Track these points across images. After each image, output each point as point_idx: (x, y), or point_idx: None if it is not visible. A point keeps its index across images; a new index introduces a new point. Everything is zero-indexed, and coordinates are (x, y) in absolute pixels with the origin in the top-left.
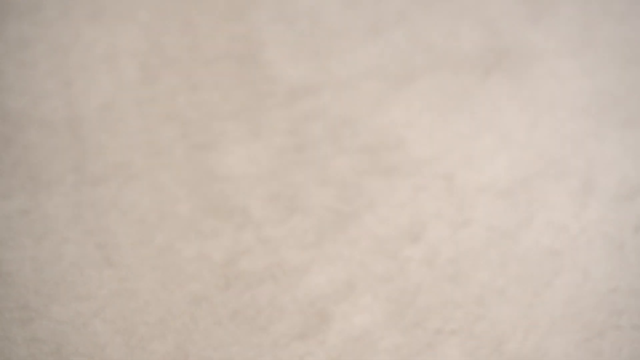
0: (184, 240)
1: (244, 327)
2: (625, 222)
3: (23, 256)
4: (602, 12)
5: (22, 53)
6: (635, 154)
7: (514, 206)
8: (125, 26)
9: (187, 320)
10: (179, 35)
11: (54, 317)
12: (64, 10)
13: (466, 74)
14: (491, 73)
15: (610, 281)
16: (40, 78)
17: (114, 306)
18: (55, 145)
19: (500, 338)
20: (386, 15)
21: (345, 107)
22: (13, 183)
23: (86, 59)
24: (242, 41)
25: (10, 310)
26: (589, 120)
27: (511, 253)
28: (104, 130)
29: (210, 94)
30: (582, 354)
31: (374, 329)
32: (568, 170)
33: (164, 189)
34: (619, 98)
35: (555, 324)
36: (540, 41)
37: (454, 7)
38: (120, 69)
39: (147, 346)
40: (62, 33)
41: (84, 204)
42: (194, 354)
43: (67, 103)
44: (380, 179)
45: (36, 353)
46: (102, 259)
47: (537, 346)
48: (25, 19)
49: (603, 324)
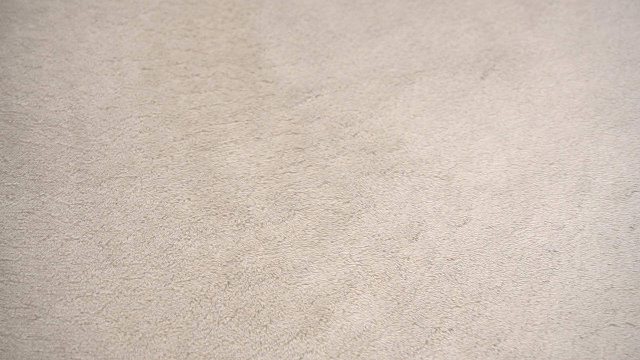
0: (185, 240)
1: (245, 325)
2: (620, 221)
3: (27, 255)
4: (598, 14)
5: (26, 55)
6: (630, 154)
7: (511, 206)
8: (127, 29)
9: (189, 318)
10: (180, 37)
11: (57, 315)
12: (67, 14)
13: (464, 75)
14: (488, 74)
15: (605, 279)
16: (44, 79)
17: (116, 304)
18: (59, 146)
19: (498, 335)
20: (385, 17)
21: (345, 107)
22: (17, 183)
23: (89, 61)
24: (242, 43)
25: (15, 309)
26: (584, 121)
27: (508, 252)
28: (107, 131)
29: (211, 95)
30: (577, 350)
31: (373, 327)
32: (564, 171)
33: (165, 189)
34: (614, 99)
35: (552, 321)
36: (536, 43)
37: (452, 9)
38: (122, 71)
39: (149, 344)
40: (65, 36)
41: (87, 204)
42: (196, 352)
43: (71, 104)
44: (379, 179)
45: (40, 350)
46: (105, 258)
47: (533, 343)
48: (30, 23)
49: (598, 321)
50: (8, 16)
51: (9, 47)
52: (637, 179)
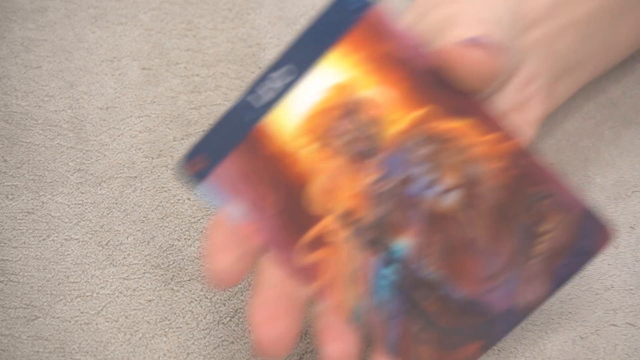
0: (185, 240)
1: (245, 325)
2: (620, 221)
3: (27, 255)
4: None
5: (26, 55)
6: (630, 154)
7: None
8: (127, 29)
9: (189, 318)
10: (180, 37)
11: (57, 315)
12: (67, 14)
13: None
14: None
15: (605, 279)
16: (44, 79)
17: (116, 304)
18: (59, 146)
19: None
20: None
21: None
22: (17, 183)
23: (89, 61)
24: (242, 43)
25: (14, 309)
26: (584, 121)
27: None
28: (107, 131)
29: (211, 95)
30: (577, 350)
31: None
32: (564, 170)
33: (165, 189)
34: (614, 99)
35: (552, 321)
36: None
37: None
38: (122, 71)
39: (149, 344)
40: (65, 35)
41: (87, 204)
42: (196, 352)
43: (71, 104)
44: None
45: (40, 350)
46: (105, 258)
47: (533, 343)
48: (30, 23)
49: (598, 321)
50: (8, 16)
51: (9, 47)
52: (637, 179)
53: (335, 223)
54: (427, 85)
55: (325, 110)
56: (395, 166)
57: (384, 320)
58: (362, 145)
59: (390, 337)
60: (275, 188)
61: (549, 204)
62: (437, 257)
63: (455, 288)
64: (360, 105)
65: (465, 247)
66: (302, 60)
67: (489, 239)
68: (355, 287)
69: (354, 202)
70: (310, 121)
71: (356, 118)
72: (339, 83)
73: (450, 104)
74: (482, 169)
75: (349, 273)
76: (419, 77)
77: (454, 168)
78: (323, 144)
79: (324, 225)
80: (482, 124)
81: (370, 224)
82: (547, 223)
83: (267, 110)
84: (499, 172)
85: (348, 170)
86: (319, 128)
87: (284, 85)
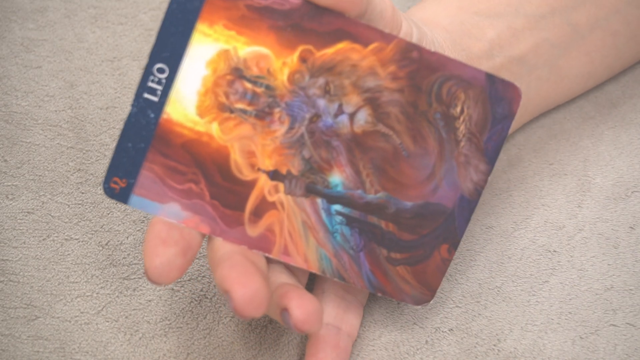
0: None
1: (245, 325)
2: (620, 221)
3: (27, 255)
4: None
5: (26, 55)
6: (630, 154)
7: (511, 206)
8: (127, 29)
9: (189, 318)
10: None
11: (57, 315)
12: (67, 14)
13: None
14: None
15: (605, 279)
16: (44, 80)
17: (116, 304)
18: (59, 146)
19: (498, 335)
20: None
21: None
22: (17, 183)
23: (89, 61)
24: None
25: (15, 309)
26: (584, 121)
27: (508, 252)
28: (107, 131)
29: None
30: (577, 350)
31: (373, 327)
32: (564, 171)
33: None
34: (614, 99)
35: (552, 321)
36: None
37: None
38: (122, 71)
39: (149, 344)
40: (65, 35)
41: (87, 204)
42: (196, 352)
43: (71, 104)
44: None
45: (40, 350)
46: (105, 258)
47: (533, 343)
48: (30, 23)
49: (598, 321)
50: (8, 16)
51: (9, 47)
52: (637, 179)
53: (268, 183)
54: (294, 25)
55: (217, 79)
56: (300, 108)
57: (353, 256)
58: (263, 99)
59: (364, 272)
60: (202, 170)
61: (452, 85)
62: (374, 177)
63: (402, 200)
64: (247, 62)
65: (395, 157)
66: (173, 47)
67: (412, 141)
68: (312, 235)
69: (277, 157)
70: (208, 95)
71: (247, 75)
72: (218, 51)
73: (322, 32)
74: (378, 79)
75: (300, 224)
76: (284, 19)
77: (352, 89)
78: (229, 112)
79: (259, 189)
80: (358, 40)
81: (301, 171)
82: (458, 104)
83: (163, 103)
84: (394, 74)
85: (260, 129)
86: (219, 98)
87: (167, 75)
